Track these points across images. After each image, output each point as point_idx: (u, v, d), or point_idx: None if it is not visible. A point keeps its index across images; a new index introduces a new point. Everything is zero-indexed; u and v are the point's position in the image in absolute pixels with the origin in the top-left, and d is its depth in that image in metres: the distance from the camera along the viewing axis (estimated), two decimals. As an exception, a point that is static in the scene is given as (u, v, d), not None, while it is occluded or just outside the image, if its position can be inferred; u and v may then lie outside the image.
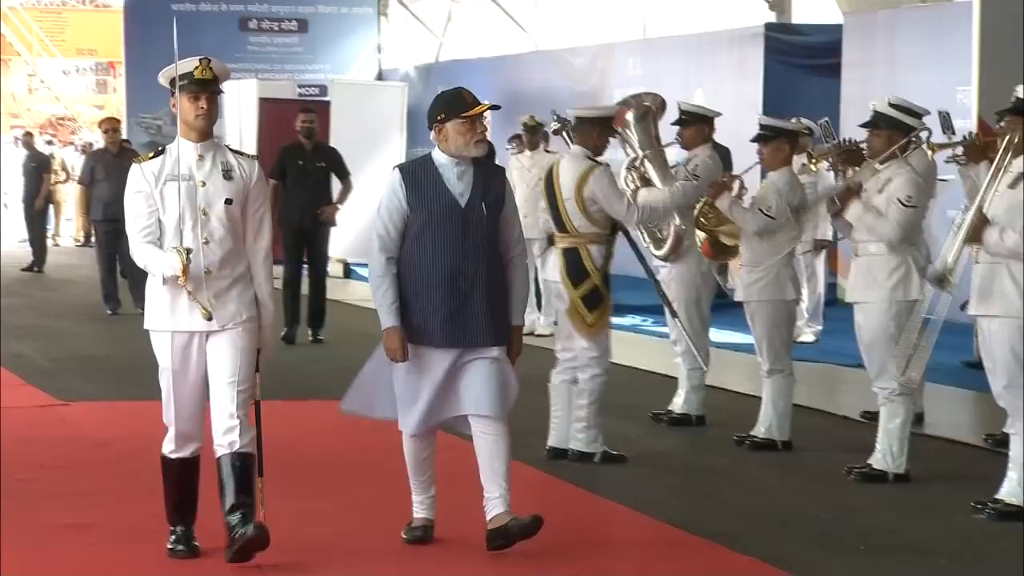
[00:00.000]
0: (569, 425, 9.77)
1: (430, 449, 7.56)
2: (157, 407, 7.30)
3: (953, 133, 10.50)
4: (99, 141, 20.07)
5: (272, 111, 24.36)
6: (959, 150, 10.32)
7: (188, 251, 6.85)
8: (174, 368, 7.09)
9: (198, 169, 7.02)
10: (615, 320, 10.99)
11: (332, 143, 19.86)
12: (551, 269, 9.91)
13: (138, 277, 18.47)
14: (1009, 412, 8.41)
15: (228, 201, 7.02)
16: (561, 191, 9.65)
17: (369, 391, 7.67)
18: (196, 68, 6.98)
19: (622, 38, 24.16)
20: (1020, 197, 8.23)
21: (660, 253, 10.89)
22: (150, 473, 9.30)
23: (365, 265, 24.26)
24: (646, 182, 10.64)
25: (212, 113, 7.04)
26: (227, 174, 7.04)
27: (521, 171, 16.40)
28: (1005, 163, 8.39)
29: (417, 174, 7.41)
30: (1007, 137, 8.49)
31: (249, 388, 7.08)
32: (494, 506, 7.34)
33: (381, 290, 7.34)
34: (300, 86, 27.34)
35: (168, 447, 7.25)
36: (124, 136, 21.42)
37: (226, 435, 7.03)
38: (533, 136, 16.49)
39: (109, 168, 18.33)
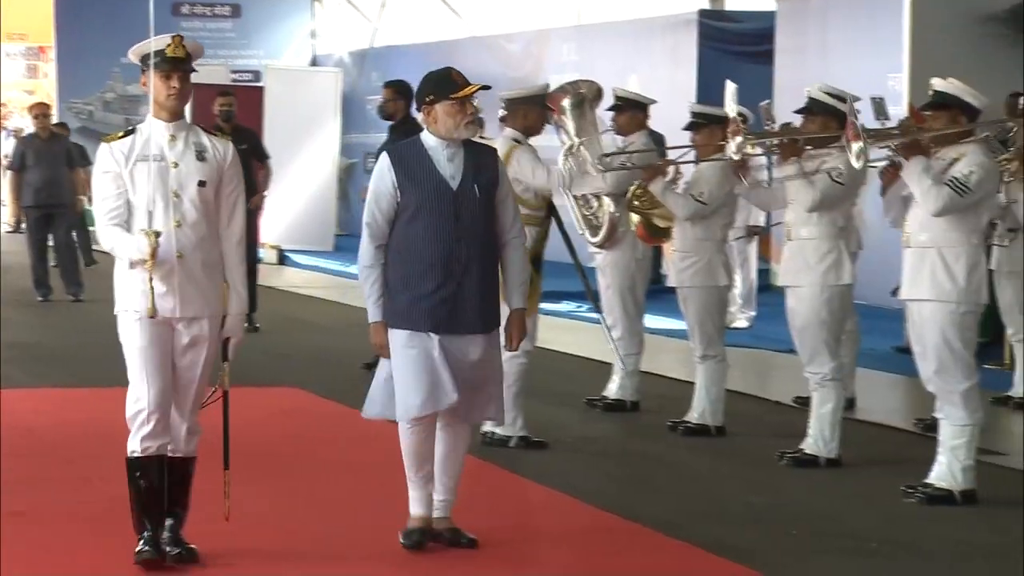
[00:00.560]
0: None
1: (430, 441, 7.23)
2: (89, 394, 7.28)
3: (887, 119, 10.55)
4: (30, 126, 19.89)
5: (205, 96, 24.19)
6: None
7: (157, 234, 6.56)
8: (145, 344, 6.76)
9: (170, 150, 6.74)
10: (551, 307, 11.03)
11: (266, 129, 19.84)
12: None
13: (69, 264, 18.51)
14: (939, 396, 8.47)
15: (201, 183, 6.74)
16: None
17: (386, 391, 7.29)
18: (168, 46, 6.69)
19: (557, 24, 24.18)
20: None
21: (595, 240, 10.92)
22: (83, 461, 9.31)
23: (300, 251, 24.39)
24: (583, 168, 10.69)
25: (184, 92, 6.75)
26: (200, 155, 6.77)
27: (456, 157, 16.38)
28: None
29: (406, 157, 7.18)
30: None
31: (203, 393, 6.91)
32: (438, 507, 7.26)
33: (369, 282, 7.14)
34: (233, 71, 27.22)
35: (134, 443, 6.87)
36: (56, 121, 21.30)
37: (173, 440, 6.87)
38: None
39: (39, 153, 18.26)
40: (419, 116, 7.34)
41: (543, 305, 10.53)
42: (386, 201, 7.12)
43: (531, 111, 9.84)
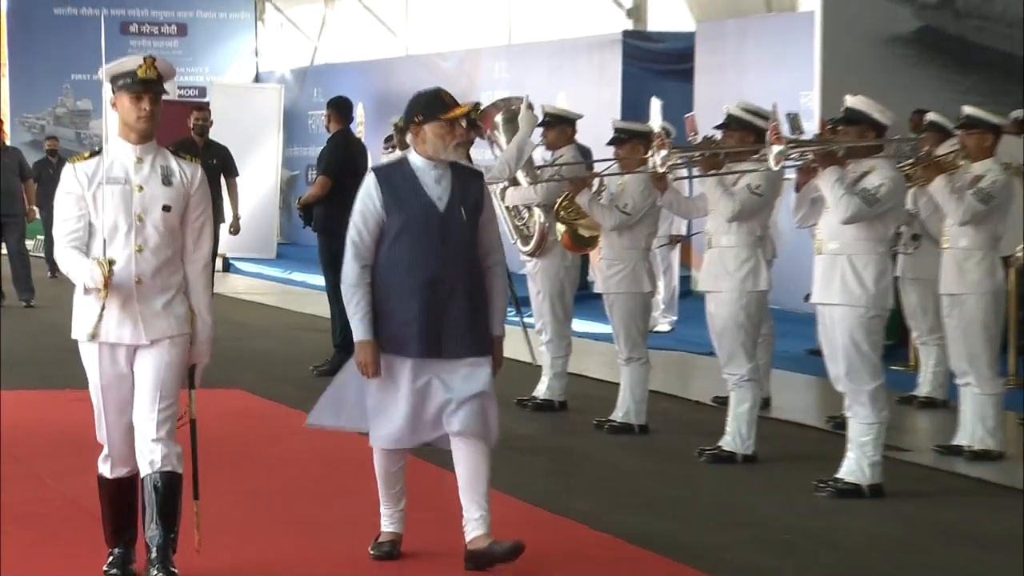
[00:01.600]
0: None
1: (402, 462, 6.93)
2: (40, 396, 7.14)
3: (802, 133, 10.64)
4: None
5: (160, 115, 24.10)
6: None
7: (111, 263, 6.12)
8: (103, 383, 6.32)
9: (135, 173, 6.26)
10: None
11: (211, 142, 19.66)
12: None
13: (21, 271, 18.38)
14: (848, 396, 8.52)
15: (166, 208, 6.24)
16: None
17: (338, 402, 6.97)
18: (140, 67, 6.23)
19: (488, 43, 24.17)
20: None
21: (527, 249, 10.96)
22: (32, 459, 9.24)
23: (245, 259, 24.27)
24: (514, 181, 10.73)
25: (155, 114, 6.30)
26: (166, 179, 6.27)
27: (392, 170, 16.37)
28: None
29: (392, 177, 6.76)
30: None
31: (173, 405, 6.32)
32: (474, 528, 6.76)
33: (354, 301, 6.70)
34: (180, 87, 27.07)
35: (103, 467, 6.53)
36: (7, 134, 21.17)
37: (147, 454, 6.27)
38: (403, 136, 16.45)
39: (-8, 165, 18.15)
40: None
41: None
42: (372, 221, 6.72)
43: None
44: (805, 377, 12.39)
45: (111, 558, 6.58)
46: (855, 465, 8.49)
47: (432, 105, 6.76)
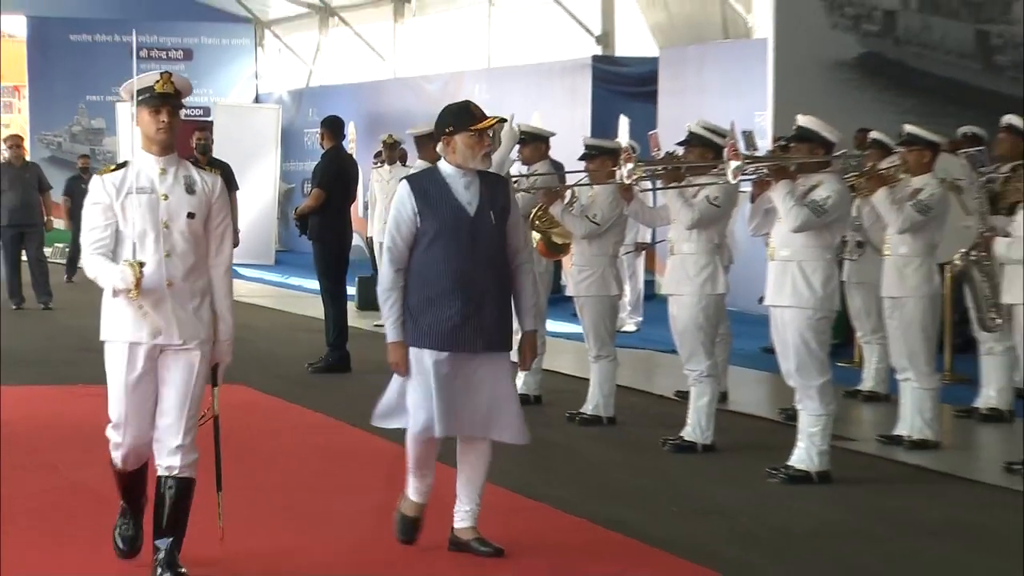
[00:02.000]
0: None
1: (434, 452, 6.74)
2: (56, 391, 7.07)
3: (756, 150, 10.66)
4: (4, 155, 19.71)
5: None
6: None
7: (141, 265, 5.94)
8: (128, 380, 6.11)
9: (160, 182, 6.11)
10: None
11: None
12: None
13: (39, 276, 18.35)
14: (798, 390, 8.52)
15: (190, 215, 6.11)
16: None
17: (394, 404, 6.74)
18: (157, 82, 6.12)
19: (470, 67, 24.17)
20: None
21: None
22: (47, 450, 9.19)
23: (245, 265, 24.17)
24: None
25: (173, 127, 6.16)
26: (189, 188, 6.13)
27: (381, 183, 16.38)
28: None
29: (425, 185, 6.59)
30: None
31: (197, 412, 6.18)
32: (463, 518, 6.73)
33: (388, 303, 6.56)
34: (186, 108, 26.93)
35: (117, 461, 6.31)
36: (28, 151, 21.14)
37: (168, 457, 6.12)
38: (392, 152, 16.49)
39: (13, 179, 18.16)
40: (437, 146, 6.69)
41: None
42: (406, 227, 6.55)
43: (435, 144, 9.72)
44: (759, 373, 12.39)
45: (122, 519, 6.46)
46: (805, 454, 8.48)
47: (462, 117, 6.61)
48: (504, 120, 7.14)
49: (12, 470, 8.46)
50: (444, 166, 6.63)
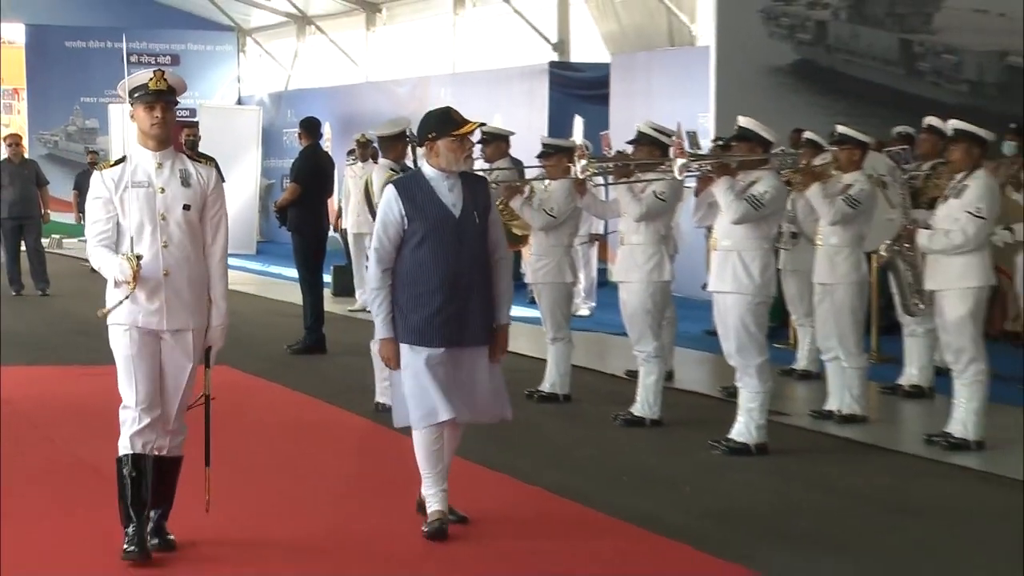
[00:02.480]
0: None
1: (440, 441, 6.49)
2: (53, 371, 7.02)
3: (700, 148, 10.65)
4: (4, 153, 19.60)
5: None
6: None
7: (139, 258, 5.82)
8: (134, 353, 5.95)
9: (157, 176, 5.94)
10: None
11: (200, 155, 19.48)
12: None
13: (37, 265, 18.23)
14: (738, 369, 8.54)
15: (186, 207, 5.93)
16: (374, 193, 9.67)
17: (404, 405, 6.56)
18: (151, 80, 5.90)
19: (436, 72, 24.10)
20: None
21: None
22: (46, 425, 9.14)
23: (229, 255, 24.02)
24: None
25: (167, 122, 5.95)
26: (185, 181, 5.96)
27: (354, 179, 16.30)
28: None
29: (411, 188, 6.41)
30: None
31: (189, 397, 6.06)
32: (438, 498, 6.51)
33: (378, 302, 6.41)
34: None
35: (123, 442, 6.03)
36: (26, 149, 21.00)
37: (159, 439, 6.02)
38: (364, 150, 16.42)
39: (12, 175, 18.07)
40: (419, 151, 6.66)
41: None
42: (394, 229, 6.38)
43: (397, 144, 9.69)
44: (702, 354, 12.41)
45: (127, 538, 6.04)
46: (744, 427, 8.51)
47: (444, 123, 6.43)
48: (484, 124, 7.02)
49: (14, 444, 8.44)
50: (428, 169, 6.46)
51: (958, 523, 7.06)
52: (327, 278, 15.61)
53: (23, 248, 18.26)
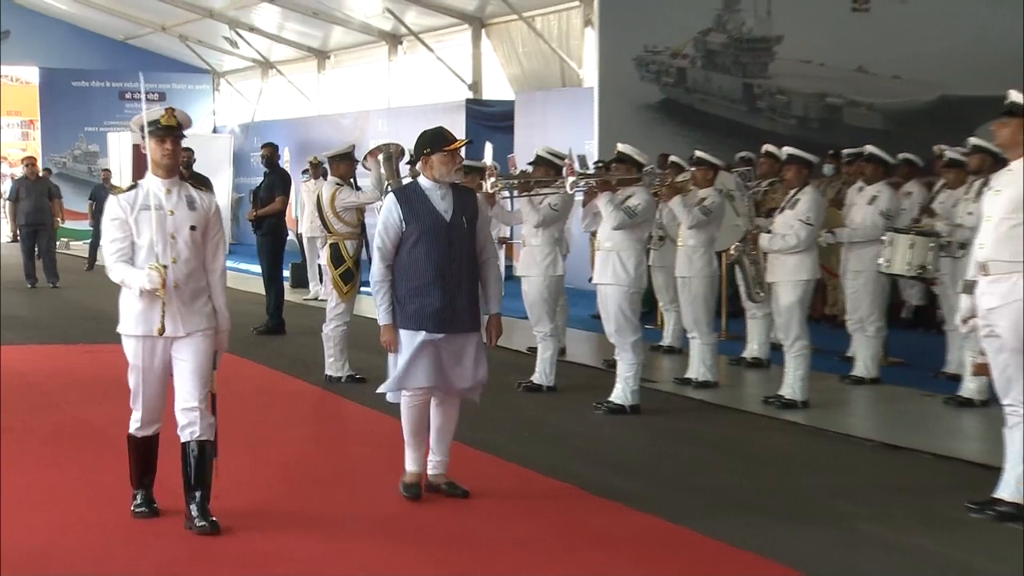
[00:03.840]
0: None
1: (426, 411, 6.17)
2: (61, 348, 6.85)
3: (587, 168, 10.66)
4: (20, 172, 19.32)
5: (142, 156, 23.51)
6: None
7: (165, 267, 5.43)
8: (143, 366, 5.58)
9: (167, 200, 5.55)
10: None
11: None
12: (323, 256, 9.84)
13: (49, 263, 17.95)
14: (617, 346, 8.54)
15: (192, 227, 5.55)
16: (323, 205, 9.61)
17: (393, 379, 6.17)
18: (162, 116, 5.58)
19: (375, 107, 23.97)
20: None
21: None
22: (55, 393, 8.95)
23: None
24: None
25: (176, 153, 5.61)
26: (191, 205, 5.59)
27: (308, 193, 16.14)
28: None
29: (409, 196, 6.10)
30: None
31: (208, 383, 5.62)
32: (436, 466, 6.24)
33: (380, 293, 6.08)
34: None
35: (134, 427, 5.72)
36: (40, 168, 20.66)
37: (188, 425, 5.56)
38: (316, 170, 16.27)
39: (28, 189, 18.18)
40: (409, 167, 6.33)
41: (366, 290, 10.38)
42: (393, 231, 6.06)
43: (344, 163, 9.70)
44: (589, 333, 12.43)
45: (136, 499, 5.76)
46: (621, 392, 8.52)
47: (437, 139, 6.14)
48: (471, 142, 6.86)
49: (28, 410, 8.25)
50: (423, 181, 6.14)
51: (790, 467, 7.12)
52: (286, 272, 15.46)
53: (37, 249, 18.11)
